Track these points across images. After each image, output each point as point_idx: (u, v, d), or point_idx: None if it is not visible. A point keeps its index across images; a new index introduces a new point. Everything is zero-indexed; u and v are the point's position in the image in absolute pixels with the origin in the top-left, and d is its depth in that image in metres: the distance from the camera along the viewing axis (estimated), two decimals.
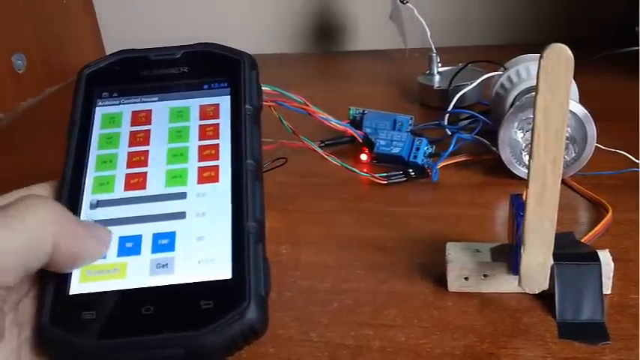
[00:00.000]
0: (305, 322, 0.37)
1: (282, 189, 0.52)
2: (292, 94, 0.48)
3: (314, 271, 0.41)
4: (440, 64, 0.71)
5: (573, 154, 0.48)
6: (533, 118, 0.31)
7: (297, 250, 0.44)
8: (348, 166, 0.50)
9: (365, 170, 0.52)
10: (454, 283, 0.37)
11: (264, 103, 0.49)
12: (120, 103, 0.32)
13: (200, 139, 0.30)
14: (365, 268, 0.41)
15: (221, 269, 0.26)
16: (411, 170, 0.52)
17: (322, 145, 0.56)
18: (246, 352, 0.34)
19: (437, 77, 0.70)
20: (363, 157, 0.56)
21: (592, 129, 0.47)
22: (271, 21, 0.97)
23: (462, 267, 0.37)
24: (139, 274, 0.26)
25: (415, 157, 0.52)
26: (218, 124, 0.30)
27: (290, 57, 0.96)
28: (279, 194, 0.51)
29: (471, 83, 0.61)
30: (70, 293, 0.25)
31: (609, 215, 0.43)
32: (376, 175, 0.51)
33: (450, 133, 0.56)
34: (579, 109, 0.47)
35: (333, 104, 0.55)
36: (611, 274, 0.36)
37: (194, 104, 0.31)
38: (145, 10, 0.99)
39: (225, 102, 0.31)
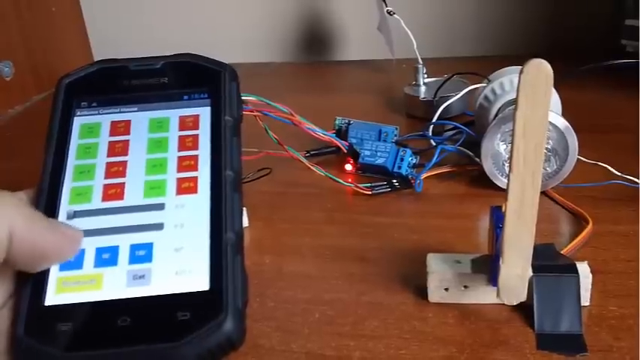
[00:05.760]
0: (286, 332, 0.37)
1: (267, 199, 0.52)
2: (278, 104, 0.48)
3: (296, 281, 0.41)
4: (426, 75, 0.72)
5: (555, 166, 0.49)
6: (513, 132, 0.31)
7: (280, 260, 0.44)
8: (333, 177, 0.51)
9: (349, 180, 0.52)
10: (434, 294, 0.38)
11: (249, 112, 0.49)
12: (99, 113, 0.31)
13: (179, 149, 0.30)
14: (347, 278, 0.41)
15: (198, 281, 0.26)
16: (395, 181, 0.52)
17: (307, 155, 0.56)
18: None
19: (423, 88, 0.70)
20: (348, 167, 0.56)
21: (573, 141, 0.48)
22: (259, 30, 0.98)
23: (442, 278, 0.37)
24: (115, 285, 0.26)
25: (399, 167, 0.53)
26: (197, 135, 0.30)
27: (278, 66, 0.96)
28: (263, 204, 0.51)
29: (456, 95, 0.62)
30: (46, 304, 0.25)
31: (589, 227, 0.43)
32: (360, 186, 0.51)
33: (434, 143, 0.56)
34: (561, 122, 0.48)
35: (320, 114, 0.56)
36: (590, 287, 0.36)
37: (174, 115, 0.31)
38: (133, 19, 0.99)
39: (205, 113, 0.31)
